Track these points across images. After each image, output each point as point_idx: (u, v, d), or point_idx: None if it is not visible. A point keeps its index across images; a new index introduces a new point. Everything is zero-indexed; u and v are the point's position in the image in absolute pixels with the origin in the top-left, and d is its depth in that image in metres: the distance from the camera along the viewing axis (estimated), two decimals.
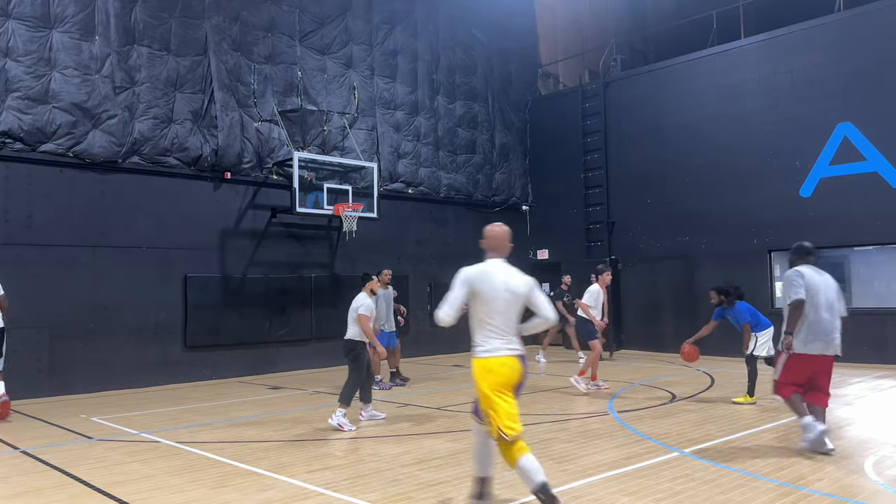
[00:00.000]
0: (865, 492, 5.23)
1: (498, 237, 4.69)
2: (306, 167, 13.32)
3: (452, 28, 17.37)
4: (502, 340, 4.49)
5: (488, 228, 4.78)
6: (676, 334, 15.73)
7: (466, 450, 6.81)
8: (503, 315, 4.52)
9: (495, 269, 4.60)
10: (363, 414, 8.49)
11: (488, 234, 4.74)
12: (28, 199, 11.09)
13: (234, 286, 13.22)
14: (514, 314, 4.56)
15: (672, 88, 16.20)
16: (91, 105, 11.60)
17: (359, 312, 8.27)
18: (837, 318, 6.59)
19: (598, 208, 17.50)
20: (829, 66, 13.82)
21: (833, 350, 6.50)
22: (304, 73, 14.42)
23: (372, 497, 5.33)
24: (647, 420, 8.17)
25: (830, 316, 6.52)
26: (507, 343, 4.50)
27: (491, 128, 18.23)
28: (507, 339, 4.51)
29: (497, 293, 4.51)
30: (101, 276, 11.67)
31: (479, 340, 4.55)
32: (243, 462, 6.52)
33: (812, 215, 13.91)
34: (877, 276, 14.04)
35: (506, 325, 4.52)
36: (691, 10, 17.84)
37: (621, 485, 5.50)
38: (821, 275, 6.80)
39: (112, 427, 8.45)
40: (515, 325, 4.58)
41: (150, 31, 12.38)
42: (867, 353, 12.92)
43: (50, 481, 6.04)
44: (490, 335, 4.52)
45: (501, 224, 4.84)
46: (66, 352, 11.23)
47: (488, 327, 4.53)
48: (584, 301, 10.82)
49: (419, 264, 15.88)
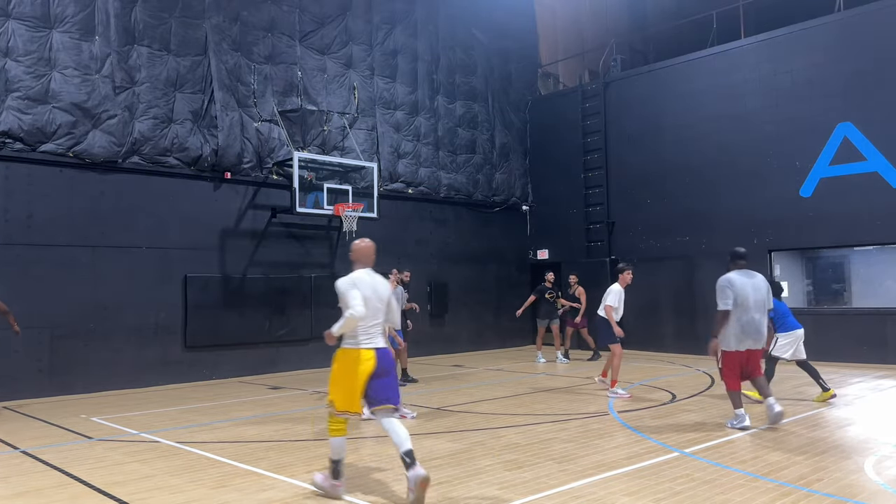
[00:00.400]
0: (865, 492, 5.23)
1: (364, 251, 5.54)
2: (306, 167, 13.32)
3: (452, 28, 17.38)
4: (366, 336, 5.27)
5: (356, 244, 5.58)
6: (676, 334, 15.79)
7: (466, 450, 6.82)
8: (372, 316, 5.30)
9: (368, 278, 5.43)
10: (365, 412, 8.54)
11: (356, 248, 5.56)
12: (28, 199, 11.09)
13: (234, 286, 13.22)
14: (380, 315, 5.41)
15: (672, 88, 16.20)
16: (91, 105, 11.60)
17: None
18: (766, 316, 7.60)
19: (598, 208, 17.50)
20: (829, 66, 13.82)
21: (760, 344, 7.58)
22: (304, 73, 14.42)
23: (372, 497, 5.33)
24: (647, 420, 8.17)
25: (760, 315, 7.50)
26: (370, 338, 5.29)
27: (491, 128, 18.24)
28: (370, 336, 5.30)
29: (370, 297, 5.30)
30: (101, 276, 11.67)
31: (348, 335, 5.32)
32: (243, 462, 6.52)
33: (812, 215, 13.91)
34: (877, 276, 14.05)
35: (370, 323, 5.31)
36: (691, 10, 17.84)
37: (621, 485, 5.50)
38: (751, 277, 7.64)
39: (112, 427, 8.46)
40: (381, 324, 5.42)
41: (150, 31, 12.38)
42: (867, 353, 12.93)
43: (50, 481, 6.04)
44: (357, 331, 5.27)
45: (367, 239, 5.64)
46: (66, 352, 11.23)
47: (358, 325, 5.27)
48: (608, 303, 10.09)
49: (419, 264, 15.88)
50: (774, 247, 14.58)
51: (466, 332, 17.11)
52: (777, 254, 14.72)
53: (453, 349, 16.61)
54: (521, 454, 6.58)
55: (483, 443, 7.13)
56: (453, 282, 16.99)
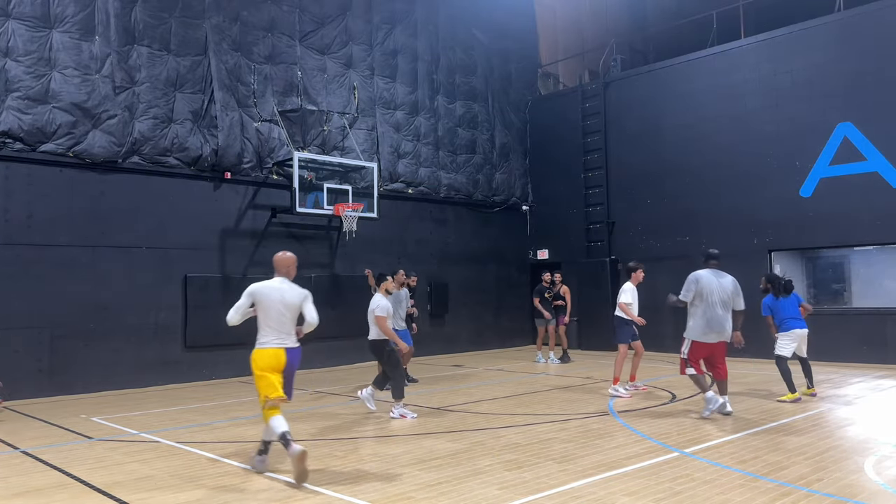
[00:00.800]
0: (865, 492, 5.23)
1: (282, 261, 6.31)
2: (306, 167, 13.32)
3: (452, 28, 17.37)
4: (273, 336, 6.01)
5: (277, 254, 6.35)
6: (676, 334, 15.68)
7: (466, 450, 6.82)
8: (276, 319, 6.01)
9: (275, 286, 6.14)
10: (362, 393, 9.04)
11: (276, 258, 6.33)
12: (28, 199, 11.09)
13: (234, 286, 13.13)
14: (287, 319, 6.08)
15: (672, 88, 16.20)
16: (91, 105, 11.60)
17: (375, 314, 8.58)
18: (730, 313, 8.27)
19: (598, 208, 17.50)
20: (829, 66, 13.82)
21: (725, 337, 8.28)
22: (304, 73, 14.42)
23: (372, 497, 5.33)
24: (647, 420, 8.17)
25: (724, 311, 8.21)
26: (278, 339, 6.02)
27: (491, 128, 18.24)
28: (278, 336, 6.02)
29: (272, 303, 6.02)
30: (101, 276, 11.66)
31: (259, 336, 6.05)
32: (243, 462, 6.51)
33: (812, 215, 13.91)
34: (877, 276, 14.04)
35: (279, 327, 6.02)
36: (691, 10, 17.84)
37: (621, 485, 5.50)
38: (720, 277, 8.34)
39: (112, 427, 8.46)
40: (290, 326, 6.12)
41: (150, 31, 12.38)
42: (867, 353, 12.94)
43: (50, 481, 6.04)
44: (266, 333, 6.03)
45: (287, 252, 6.41)
46: (66, 352, 11.22)
47: (265, 327, 6.03)
48: (622, 301, 10.22)
49: (419, 264, 15.86)
50: (774, 247, 14.58)
51: (466, 332, 17.10)
52: (777, 254, 14.72)
53: (453, 349, 16.61)
54: (521, 454, 6.58)
55: (483, 443, 7.13)
56: (453, 282, 16.99)
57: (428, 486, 5.60)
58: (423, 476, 5.89)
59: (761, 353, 14.51)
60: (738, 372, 12.29)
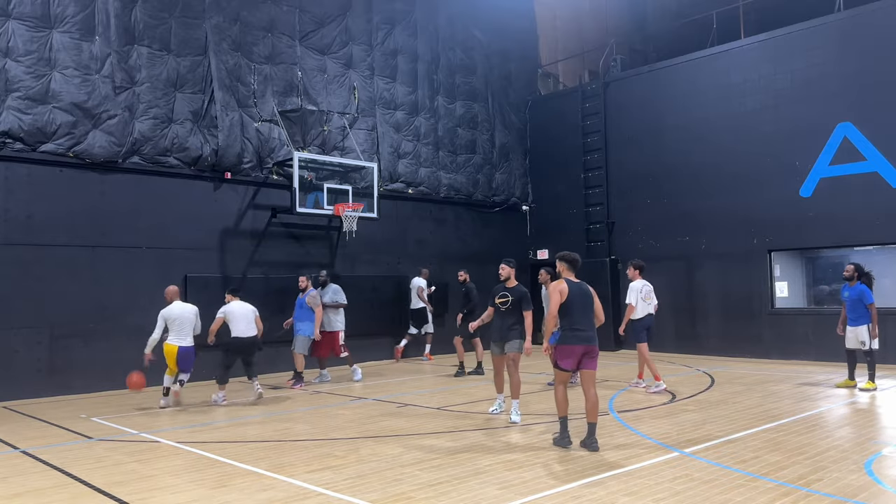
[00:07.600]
0: (865, 492, 5.23)
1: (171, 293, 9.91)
2: (306, 167, 13.32)
3: (452, 28, 17.37)
4: (175, 336, 9.60)
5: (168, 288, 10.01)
6: (676, 334, 15.79)
7: (466, 449, 6.82)
8: (179, 328, 9.63)
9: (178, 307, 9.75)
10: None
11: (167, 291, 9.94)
12: (28, 199, 11.09)
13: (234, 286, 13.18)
14: (187, 327, 9.71)
15: (672, 88, 16.20)
16: (91, 105, 11.59)
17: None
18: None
19: (598, 208, 17.50)
20: (829, 66, 13.82)
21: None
22: (304, 73, 14.42)
23: (372, 497, 5.33)
24: (647, 420, 8.17)
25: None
26: (178, 338, 9.62)
27: (491, 128, 18.23)
28: (180, 337, 9.62)
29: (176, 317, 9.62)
30: (101, 276, 11.66)
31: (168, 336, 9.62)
32: (243, 462, 6.52)
33: (812, 215, 13.91)
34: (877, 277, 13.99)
35: (180, 332, 9.65)
36: (691, 10, 17.85)
37: (621, 485, 5.50)
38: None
39: (112, 427, 8.46)
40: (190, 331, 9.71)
41: (150, 31, 12.37)
42: None
43: (50, 481, 6.04)
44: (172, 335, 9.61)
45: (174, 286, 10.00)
46: (66, 352, 11.22)
47: (172, 332, 9.62)
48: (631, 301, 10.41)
49: (419, 264, 15.87)
50: (774, 247, 14.58)
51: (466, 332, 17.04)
52: (777, 254, 14.72)
53: (453, 349, 16.56)
54: (521, 454, 6.58)
55: (483, 443, 7.13)
56: (453, 282, 16.96)
57: (428, 486, 5.61)
58: (423, 476, 5.90)
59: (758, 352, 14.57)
60: (734, 373, 12.29)
